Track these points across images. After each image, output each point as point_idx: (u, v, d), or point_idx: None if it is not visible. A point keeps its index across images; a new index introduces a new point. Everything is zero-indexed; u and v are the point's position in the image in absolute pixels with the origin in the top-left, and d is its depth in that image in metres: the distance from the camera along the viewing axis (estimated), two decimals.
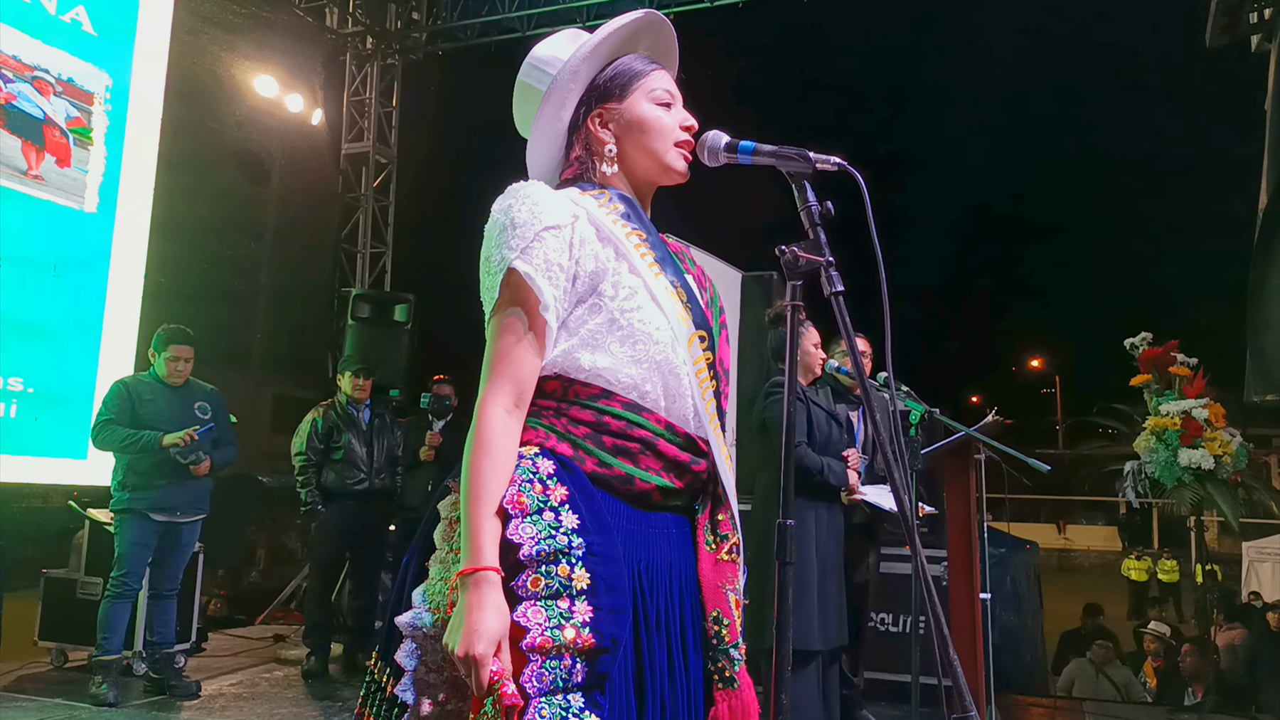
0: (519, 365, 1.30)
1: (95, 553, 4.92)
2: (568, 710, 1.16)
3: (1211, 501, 4.77)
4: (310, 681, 5.01)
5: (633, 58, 1.51)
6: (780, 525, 1.34)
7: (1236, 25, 6.56)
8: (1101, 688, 6.48)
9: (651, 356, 1.34)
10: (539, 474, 1.27)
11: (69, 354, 5.38)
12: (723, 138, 1.46)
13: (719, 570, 1.41)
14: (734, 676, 1.37)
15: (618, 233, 1.38)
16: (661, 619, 1.32)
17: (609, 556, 1.24)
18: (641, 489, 1.33)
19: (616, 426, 1.32)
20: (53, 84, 5.27)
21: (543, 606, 1.20)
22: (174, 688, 4.51)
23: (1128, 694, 6.51)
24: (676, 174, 1.50)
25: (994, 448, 3.63)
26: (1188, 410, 4.70)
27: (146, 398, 4.45)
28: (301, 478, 5.20)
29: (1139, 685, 6.86)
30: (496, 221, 1.34)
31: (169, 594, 4.59)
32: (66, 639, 4.96)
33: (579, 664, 1.18)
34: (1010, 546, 6.61)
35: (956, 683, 1.22)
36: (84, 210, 5.45)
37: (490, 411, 1.28)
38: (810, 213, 1.37)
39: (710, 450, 1.40)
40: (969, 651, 3.56)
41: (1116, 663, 6.94)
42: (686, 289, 1.43)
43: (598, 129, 1.47)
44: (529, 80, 1.49)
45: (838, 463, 3.65)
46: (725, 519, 1.44)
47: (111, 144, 5.63)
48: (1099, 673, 6.67)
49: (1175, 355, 4.91)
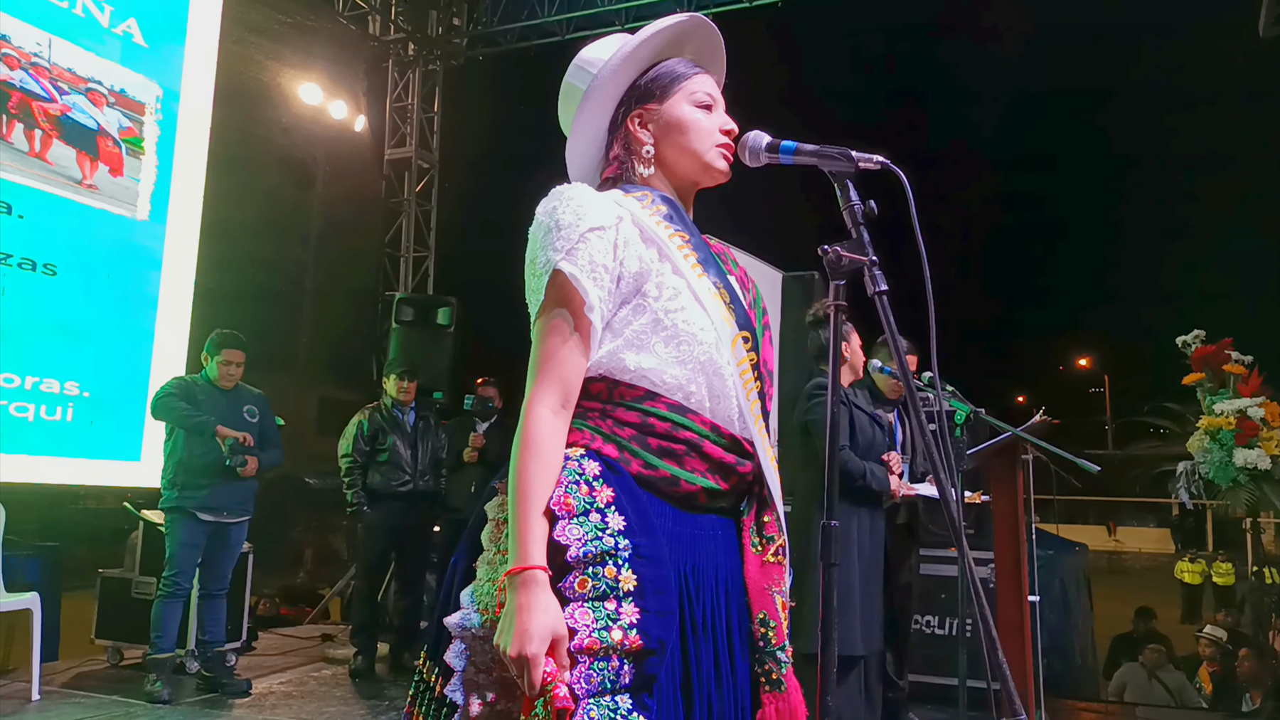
0: (565, 366, 1.31)
1: (149, 553, 5.03)
2: (616, 712, 1.16)
3: (1268, 502, 4.66)
4: (357, 680, 5.08)
5: (676, 61, 1.51)
6: (824, 526, 1.34)
7: None
8: (1154, 692, 6.34)
9: (696, 357, 1.34)
10: (585, 475, 1.27)
11: (122, 358, 5.51)
12: (764, 138, 1.46)
13: (765, 572, 1.40)
14: (781, 679, 1.36)
15: (661, 234, 1.38)
16: (708, 621, 1.32)
17: (655, 558, 1.24)
18: (687, 490, 1.33)
19: (662, 428, 1.32)
20: (105, 95, 5.41)
21: (590, 608, 1.20)
22: (225, 686, 4.60)
23: (1181, 699, 6.36)
24: (718, 172, 1.49)
25: (1041, 448, 3.58)
26: (1243, 409, 4.59)
27: (200, 398, 4.55)
28: (348, 479, 5.28)
29: (1193, 690, 6.70)
30: (541, 224, 1.35)
31: (219, 594, 4.68)
32: (122, 637, 5.08)
33: (626, 666, 1.18)
34: (1059, 548, 6.50)
35: (1005, 685, 1.20)
36: (136, 218, 5.58)
37: (537, 412, 1.28)
38: (853, 212, 1.37)
39: (755, 451, 1.40)
40: (1017, 655, 3.51)
41: (1169, 667, 6.78)
42: (729, 290, 1.43)
43: (637, 129, 1.48)
44: (573, 80, 1.50)
45: (880, 468, 3.61)
46: (771, 520, 1.43)
47: (162, 153, 5.76)
48: (1151, 677, 6.53)
49: (1229, 353, 4.80)
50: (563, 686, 1.16)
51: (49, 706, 4.29)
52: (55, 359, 5.12)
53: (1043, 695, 3.70)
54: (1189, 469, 4.77)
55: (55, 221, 5.12)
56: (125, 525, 5.35)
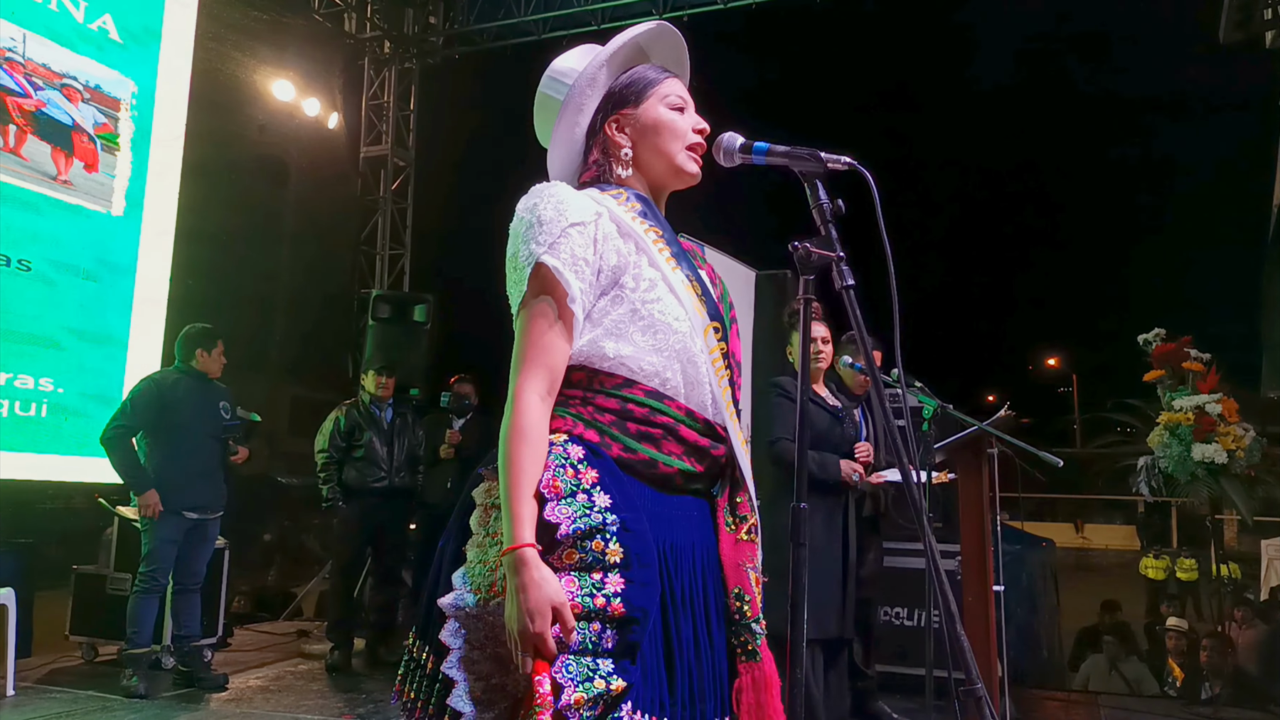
0: (551, 354, 1.37)
1: (124, 549, 5.03)
2: (595, 672, 1.22)
3: (1227, 497, 4.78)
4: (334, 675, 5.10)
5: (647, 67, 1.59)
6: (794, 508, 1.41)
7: (1250, 21, 6.55)
8: (1114, 683, 6.49)
9: (671, 345, 1.42)
10: (570, 459, 1.34)
11: (97, 354, 5.50)
12: (737, 139, 1.53)
13: (739, 549, 1.48)
14: (756, 650, 1.44)
15: (637, 229, 1.46)
16: (686, 595, 1.39)
17: (640, 533, 1.31)
18: (664, 472, 1.40)
19: (640, 413, 1.39)
20: (81, 91, 5.39)
21: (576, 577, 1.27)
22: (202, 680, 4.61)
23: (1140, 689, 6.53)
24: (688, 175, 1.57)
25: (1007, 442, 3.67)
26: (1201, 405, 4.71)
27: (178, 394, 4.56)
28: (323, 475, 5.31)
29: (1152, 680, 6.87)
30: (523, 219, 1.41)
31: (194, 588, 4.69)
32: (97, 633, 5.07)
33: (609, 631, 1.25)
34: (1026, 544, 6.63)
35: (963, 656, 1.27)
36: (111, 214, 5.57)
37: (526, 399, 1.35)
38: (822, 210, 1.44)
39: (728, 435, 1.47)
40: (982, 644, 3.60)
41: (1130, 658, 6.95)
42: (701, 283, 1.51)
43: (615, 133, 1.55)
44: (548, 91, 1.57)
45: (831, 456, 3.69)
46: (743, 501, 1.51)
47: (137, 149, 5.75)
48: (1111, 668, 6.69)
49: (1189, 351, 4.93)
50: (546, 683, 1.21)
51: (25, 702, 4.29)
52: (29, 355, 5.10)
53: (1008, 685, 3.79)
54: (1149, 464, 4.89)
55: (29, 217, 5.11)
56: (100, 521, 5.34)
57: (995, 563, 3.79)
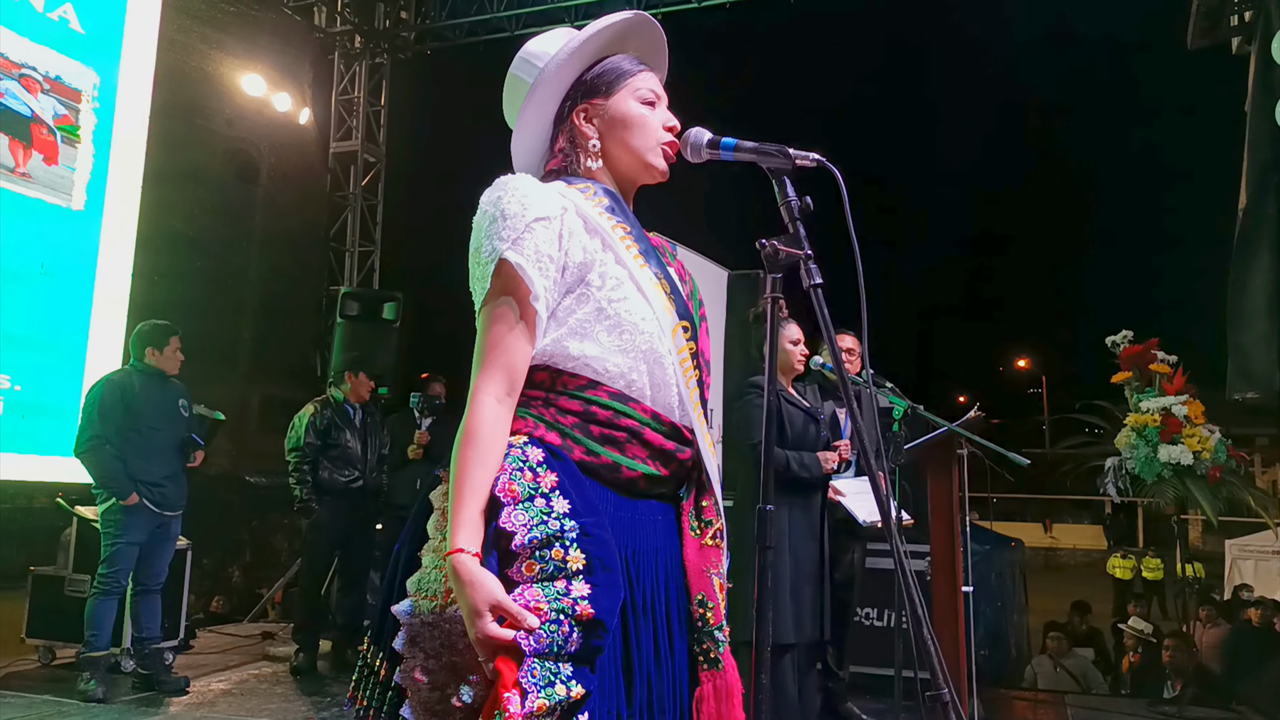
0: (511, 354, 1.33)
1: (83, 550, 4.92)
2: (556, 676, 1.18)
3: (1193, 497, 4.83)
4: (299, 678, 5.02)
5: (621, 57, 1.54)
6: (760, 510, 1.38)
7: (1217, 28, 6.61)
8: (1060, 679, 6.58)
9: (638, 346, 1.38)
10: (529, 462, 1.29)
11: (57, 351, 5.38)
12: (705, 134, 1.50)
13: (703, 555, 1.44)
14: (719, 658, 1.41)
15: (604, 225, 1.42)
16: (648, 603, 1.36)
17: (601, 538, 1.27)
18: (628, 477, 1.36)
19: (604, 416, 1.35)
20: (40, 81, 5.27)
21: (540, 589, 1.22)
22: (162, 683, 4.52)
23: (1085, 683, 6.62)
24: (657, 172, 1.53)
25: (976, 442, 3.68)
26: (1167, 407, 4.75)
27: (138, 394, 4.47)
28: (296, 475, 5.20)
29: (1096, 673, 6.98)
30: (486, 213, 1.36)
31: (155, 589, 4.60)
32: (54, 636, 4.96)
33: (575, 633, 1.20)
34: (995, 543, 6.68)
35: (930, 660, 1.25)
36: (71, 208, 5.45)
37: (481, 400, 1.31)
38: (790, 207, 1.41)
39: (695, 438, 1.44)
40: (951, 644, 3.61)
41: (1072, 653, 7.07)
42: (670, 280, 1.47)
43: (582, 123, 1.51)
44: (518, 73, 1.53)
45: (810, 455, 3.67)
46: (709, 505, 1.47)
47: (99, 142, 5.63)
48: (1056, 665, 6.78)
49: (1155, 353, 4.97)
50: (515, 700, 1.17)
51: None
52: None
53: (976, 684, 3.80)
54: (1116, 464, 4.93)
55: None
56: (59, 522, 5.23)
57: (965, 563, 3.80)
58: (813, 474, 3.67)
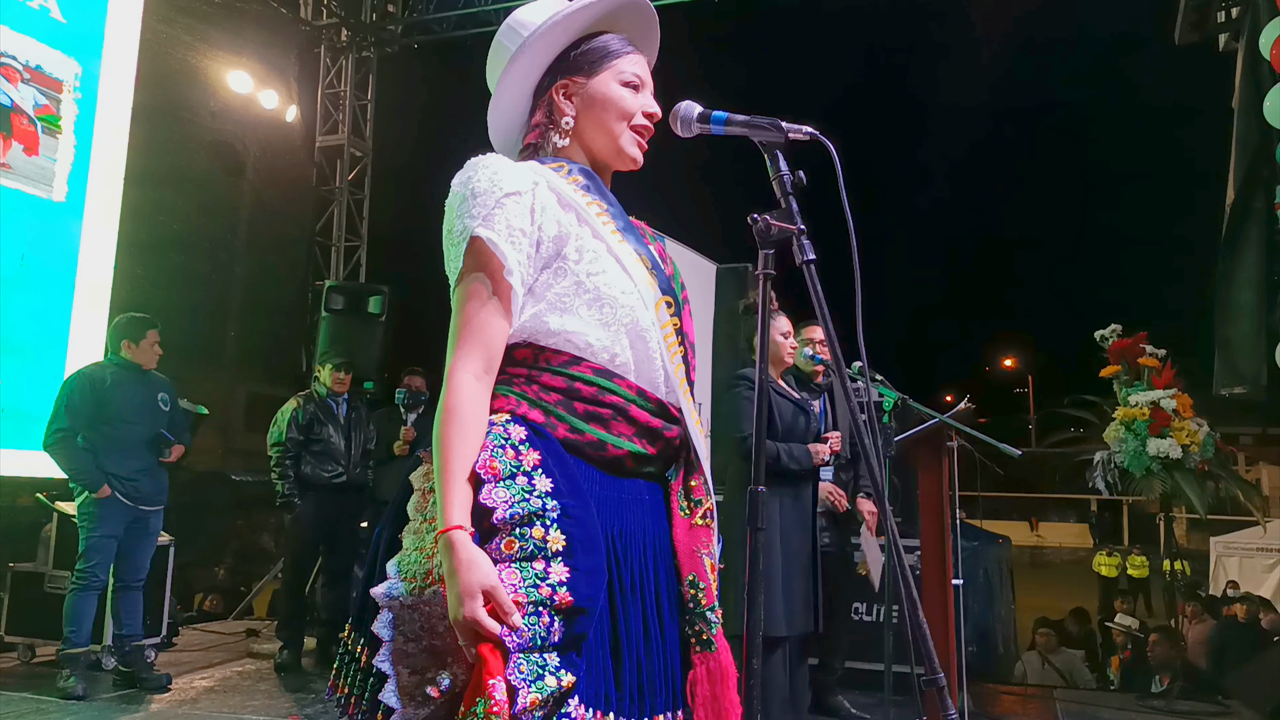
0: (486, 331, 1.30)
1: (63, 546, 4.85)
2: (544, 668, 1.15)
3: (1180, 492, 4.83)
4: (283, 675, 4.97)
5: (610, 37, 1.50)
6: (751, 492, 1.35)
7: (1205, 23, 6.63)
8: (1048, 675, 6.59)
9: (620, 319, 1.35)
10: (511, 440, 1.26)
11: (37, 345, 5.31)
12: (696, 108, 1.46)
13: (694, 535, 1.41)
14: (711, 639, 1.37)
15: (578, 200, 1.39)
16: (636, 584, 1.33)
17: (583, 519, 1.24)
18: (614, 455, 1.33)
19: (588, 392, 1.32)
20: (20, 71, 5.20)
21: (518, 568, 1.19)
22: (144, 681, 4.45)
23: (1073, 679, 6.64)
24: (628, 159, 1.50)
25: (966, 433, 3.67)
26: (1156, 400, 4.75)
27: (112, 386, 4.40)
28: (278, 470, 5.14)
29: (1083, 669, 7.00)
30: (457, 194, 1.34)
31: (136, 585, 4.53)
32: (34, 633, 4.89)
33: (557, 623, 1.17)
34: (983, 540, 6.67)
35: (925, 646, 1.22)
36: (52, 199, 5.38)
37: (459, 378, 1.28)
38: (782, 182, 1.38)
39: (682, 416, 1.41)
40: (941, 637, 3.59)
41: (1061, 649, 7.09)
42: (650, 257, 1.44)
43: (560, 99, 1.47)
44: (503, 39, 1.50)
45: (799, 446, 3.65)
46: (699, 484, 1.44)
47: (81, 133, 5.56)
48: (1044, 662, 6.79)
49: (1144, 346, 4.98)
50: (501, 687, 1.13)
51: None
52: None
53: (965, 679, 3.79)
54: (1105, 458, 4.93)
55: None
56: (39, 518, 5.16)
57: (955, 557, 3.78)
58: (802, 466, 3.64)
